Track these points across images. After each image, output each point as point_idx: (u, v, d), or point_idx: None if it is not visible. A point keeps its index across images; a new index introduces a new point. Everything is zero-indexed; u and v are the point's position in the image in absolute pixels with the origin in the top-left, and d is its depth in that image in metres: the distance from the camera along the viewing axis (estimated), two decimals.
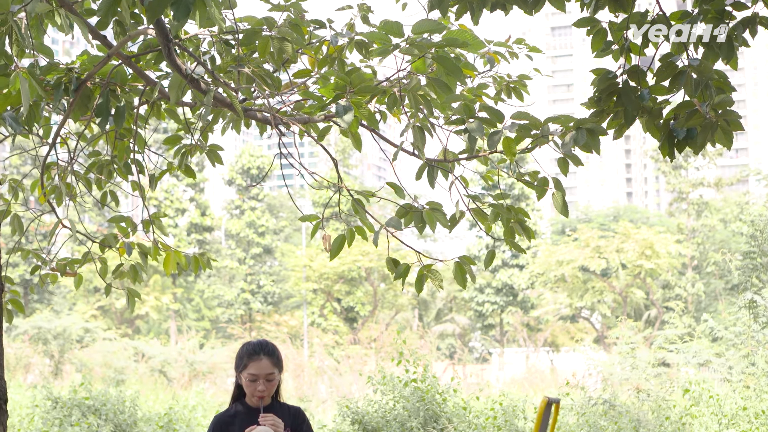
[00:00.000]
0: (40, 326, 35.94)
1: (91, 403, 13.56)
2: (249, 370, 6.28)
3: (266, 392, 6.30)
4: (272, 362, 6.33)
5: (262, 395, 6.29)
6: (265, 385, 6.29)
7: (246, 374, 6.29)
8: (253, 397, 6.33)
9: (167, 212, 51.93)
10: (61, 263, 8.04)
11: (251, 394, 6.32)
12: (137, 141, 7.64)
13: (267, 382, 6.30)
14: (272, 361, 6.33)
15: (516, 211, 6.74)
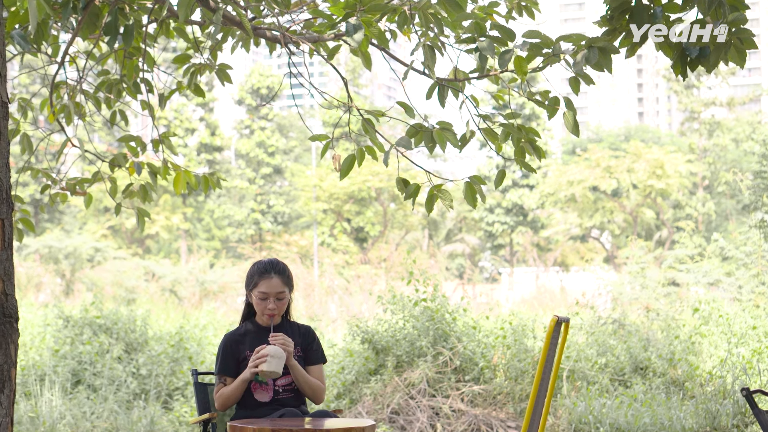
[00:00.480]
0: (51, 245, 36.09)
1: (102, 322, 13.65)
2: (259, 288, 6.31)
3: (277, 311, 6.32)
4: (283, 281, 6.35)
5: (272, 313, 6.32)
6: (276, 303, 6.32)
7: (256, 292, 6.31)
8: (263, 316, 6.35)
9: (177, 132, 51.82)
10: (70, 182, 8.04)
11: (261, 312, 6.34)
12: (146, 60, 7.60)
13: (277, 300, 6.32)
14: (283, 279, 6.35)
15: (527, 131, 6.71)
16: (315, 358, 6.47)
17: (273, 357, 5.99)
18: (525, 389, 11.43)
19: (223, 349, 6.39)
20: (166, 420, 11.89)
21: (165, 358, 13.15)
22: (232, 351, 6.36)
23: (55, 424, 11.57)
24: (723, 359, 11.89)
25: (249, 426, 5.61)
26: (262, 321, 6.47)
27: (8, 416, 6.38)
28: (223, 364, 6.35)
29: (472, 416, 11.26)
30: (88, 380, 12.87)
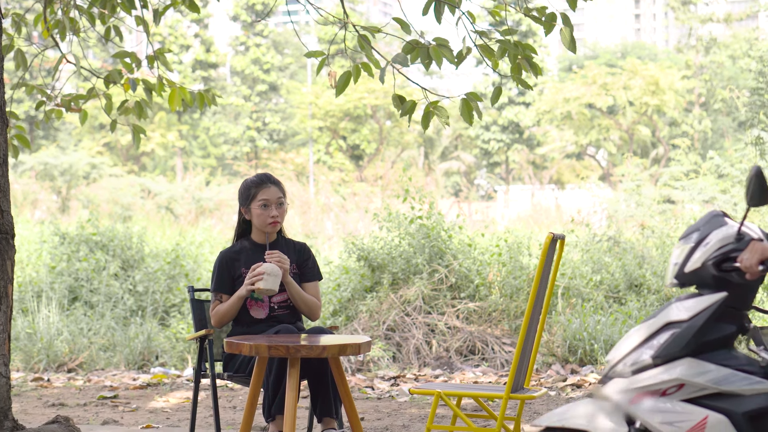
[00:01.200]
0: (47, 162, 36.04)
1: (99, 239, 13.67)
2: (260, 197, 6.32)
3: (279, 218, 6.34)
4: (280, 189, 6.38)
5: (276, 221, 6.33)
6: (278, 210, 6.34)
7: (256, 203, 6.32)
8: (266, 226, 6.36)
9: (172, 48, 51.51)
10: (65, 99, 8.00)
11: (264, 221, 6.35)
12: None
13: (278, 207, 6.34)
14: (280, 188, 6.38)
15: (523, 47, 6.67)
16: (310, 275, 6.49)
17: (269, 275, 6.01)
18: (520, 306, 11.49)
19: (219, 267, 6.41)
20: (163, 336, 11.96)
21: (161, 275, 13.20)
22: (228, 268, 6.38)
23: (53, 341, 11.64)
24: None
25: (245, 342, 5.65)
26: (258, 238, 6.48)
27: (5, 332, 6.41)
28: (219, 282, 6.38)
29: (467, 333, 11.33)
30: (84, 297, 12.92)
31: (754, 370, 3.82)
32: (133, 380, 10.72)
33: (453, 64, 6.45)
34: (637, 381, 3.85)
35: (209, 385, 6.57)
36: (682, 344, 3.80)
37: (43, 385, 10.42)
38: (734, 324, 3.85)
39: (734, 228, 3.86)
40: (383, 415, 8.47)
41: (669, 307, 3.89)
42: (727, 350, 3.84)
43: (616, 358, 3.94)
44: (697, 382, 3.77)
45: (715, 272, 3.81)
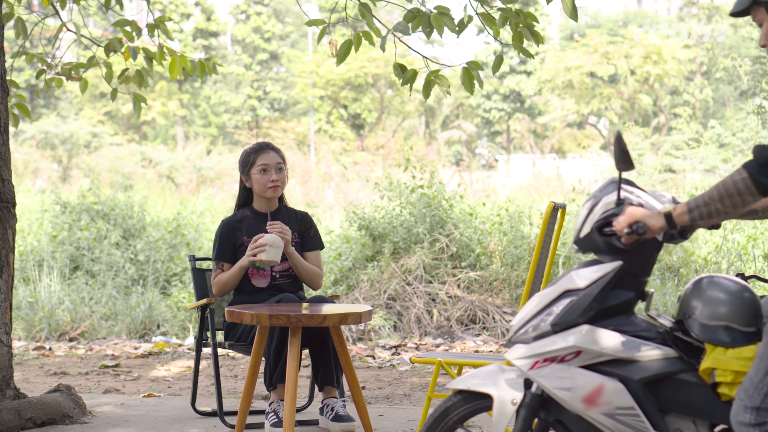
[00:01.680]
0: (47, 131, 35.96)
1: (100, 208, 13.66)
2: (259, 162, 6.33)
3: (279, 182, 6.34)
4: (279, 155, 6.38)
5: (275, 185, 6.33)
6: (277, 174, 6.34)
7: (256, 168, 6.33)
8: (266, 190, 6.36)
9: (172, 16, 51.35)
10: (66, 67, 7.98)
11: (264, 185, 6.35)
12: None
13: (278, 171, 6.34)
14: (279, 154, 6.39)
15: (525, 15, 6.65)
16: (312, 244, 6.50)
17: (271, 246, 6.01)
18: (521, 275, 11.50)
19: (220, 236, 6.41)
20: (164, 305, 11.98)
21: (163, 244, 13.20)
22: (229, 237, 6.39)
23: (54, 310, 11.66)
24: (718, 245, 11.95)
25: (246, 311, 5.66)
26: (260, 206, 6.48)
27: (7, 301, 6.41)
28: (221, 250, 6.38)
29: (468, 302, 11.35)
30: (86, 266, 12.94)
31: (651, 336, 3.86)
32: (135, 349, 10.75)
33: (454, 32, 6.43)
34: (536, 347, 3.90)
35: (210, 354, 6.58)
36: (579, 312, 3.84)
37: (45, 354, 10.44)
38: (633, 290, 3.89)
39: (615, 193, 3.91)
40: (384, 384, 8.50)
41: (568, 274, 3.94)
42: (626, 316, 3.88)
43: (519, 324, 4.00)
44: (594, 350, 3.82)
45: (598, 237, 3.86)
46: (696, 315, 3.85)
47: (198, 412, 6.96)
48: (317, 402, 7.13)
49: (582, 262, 3.97)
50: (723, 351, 3.77)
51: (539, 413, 3.98)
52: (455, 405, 4.05)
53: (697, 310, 3.85)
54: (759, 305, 3.86)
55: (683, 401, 3.82)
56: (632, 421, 3.80)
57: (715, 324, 3.81)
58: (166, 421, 6.80)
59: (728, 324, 3.80)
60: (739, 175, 3.54)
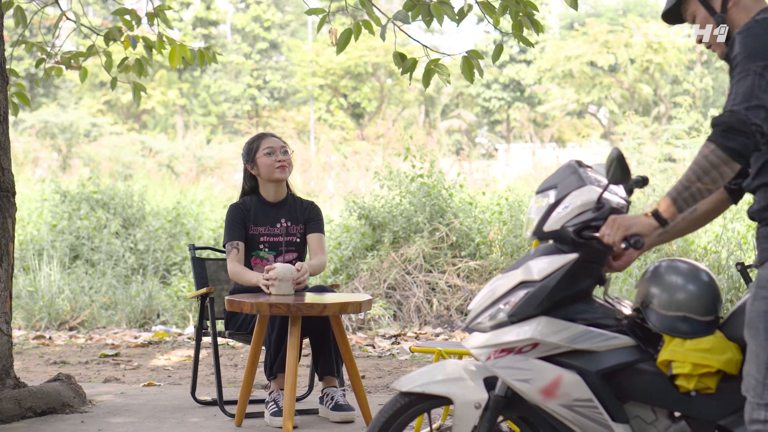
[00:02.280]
0: (47, 120, 35.93)
1: (100, 197, 13.66)
2: (263, 146, 6.33)
3: (286, 162, 6.35)
4: (282, 141, 6.39)
5: (283, 165, 6.34)
6: (284, 155, 6.34)
7: (261, 152, 6.33)
8: (274, 170, 6.36)
9: (171, 5, 51.24)
10: (65, 56, 7.97)
11: (272, 167, 6.35)
12: None
13: (284, 153, 6.35)
14: (282, 139, 6.40)
15: (525, 4, 6.63)
16: (314, 227, 6.51)
17: (281, 280, 5.94)
18: None
19: (231, 217, 6.40)
20: (164, 295, 11.98)
21: (162, 234, 13.20)
22: (241, 218, 6.38)
23: (54, 299, 11.66)
24: (718, 234, 11.94)
25: (246, 300, 5.66)
26: (267, 194, 6.46)
27: (7, 290, 6.41)
28: (233, 231, 6.37)
29: (468, 291, 11.35)
30: (86, 255, 12.93)
31: (609, 323, 3.85)
32: (135, 338, 10.75)
33: (454, 21, 6.42)
34: (494, 338, 3.87)
35: (210, 343, 6.59)
36: (536, 304, 3.81)
37: (45, 343, 10.45)
38: (590, 277, 3.87)
39: (594, 193, 3.83)
40: (384, 374, 8.50)
41: (525, 264, 3.89)
42: (584, 303, 3.87)
43: (476, 311, 3.96)
44: (551, 342, 3.80)
45: (575, 237, 3.81)
46: (653, 305, 3.83)
47: (198, 401, 6.97)
48: (317, 391, 7.13)
49: (539, 249, 3.92)
50: (681, 342, 3.75)
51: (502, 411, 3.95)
52: (404, 407, 3.96)
53: (654, 298, 3.83)
54: (718, 291, 3.85)
55: (641, 390, 3.82)
56: (590, 413, 3.79)
57: (672, 314, 3.79)
58: (166, 410, 6.81)
59: (686, 314, 3.78)
60: (707, 149, 3.54)
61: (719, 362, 3.71)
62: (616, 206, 3.81)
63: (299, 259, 6.46)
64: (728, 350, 3.74)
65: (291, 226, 6.42)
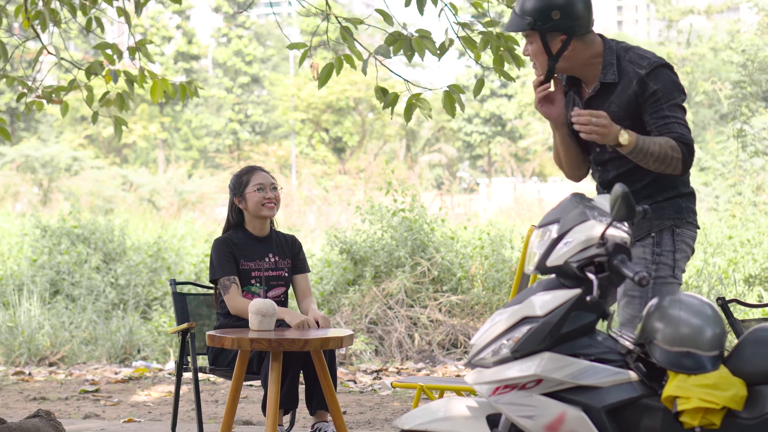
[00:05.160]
0: (28, 154, 35.86)
1: (80, 232, 13.61)
2: (254, 182, 6.33)
3: (275, 200, 6.34)
4: (271, 176, 6.39)
5: (272, 202, 6.33)
6: (273, 193, 6.34)
7: (251, 187, 6.32)
8: (262, 208, 6.34)
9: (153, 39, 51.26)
10: (47, 90, 7.95)
11: (259, 203, 6.33)
12: None
13: (273, 190, 6.34)
14: (271, 175, 6.40)
15: (506, 39, 6.65)
16: (302, 267, 6.50)
17: (264, 316, 5.90)
18: (502, 299, 11.50)
19: (220, 251, 6.35)
20: (145, 330, 11.92)
21: (143, 268, 13.16)
22: (230, 253, 6.35)
23: (34, 334, 11.59)
24: (699, 269, 11.96)
25: (227, 336, 5.62)
26: (253, 228, 6.43)
27: None
28: (227, 265, 6.32)
29: (450, 326, 11.33)
30: (66, 290, 12.87)
31: (613, 358, 3.82)
32: (115, 374, 10.69)
33: (435, 55, 6.43)
34: (497, 373, 3.83)
35: (191, 379, 6.54)
36: (539, 340, 3.78)
37: (25, 379, 10.38)
38: (594, 312, 3.84)
39: (597, 228, 3.81)
40: (366, 409, 8.46)
41: (528, 299, 3.87)
42: (588, 337, 3.84)
43: (479, 346, 3.92)
44: (555, 378, 3.77)
45: (578, 273, 3.80)
46: (657, 340, 3.79)
47: None
48: (299, 427, 7.09)
49: (541, 284, 3.91)
50: (685, 378, 3.72)
51: None
52: None
53: (658, 333, 3.78)
54: (723, 325, 3.83)
55: (646, 426, 3.77)
56: None
57: (676, 350, 3.77)
58: None
59: (690, 350, 3.76)
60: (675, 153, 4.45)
61: (724, 399, 3.68)
62: (620, 241, 3.79)
63: (286, 293, 6.44)
64: (733, 386, 3.72)
65: (279, 261, 6.40)
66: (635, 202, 4.10)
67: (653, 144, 4.41)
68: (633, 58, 4.57)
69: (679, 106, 4.54)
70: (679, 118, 4.52)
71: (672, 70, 4.59)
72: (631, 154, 4.43)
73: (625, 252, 3.77)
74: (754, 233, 13.09)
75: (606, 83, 4.60)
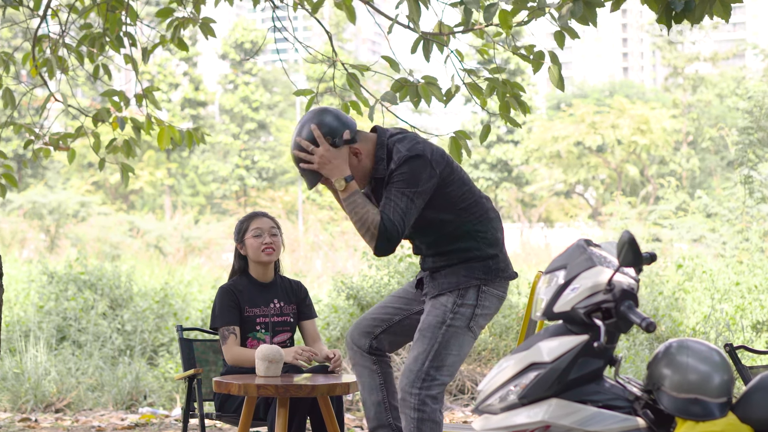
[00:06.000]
0: (35, 201, 35.94)
1: (87, 278, 13.62)
2: (252, 227, 6.32)
3: (273, 245, 6.32)
4: (273, 221, 6.38)
5: (270, 247, 6.31)
6: (272, 238, 6.32)
7: (249, 233, 6.32)
8: (261, 253, 6.34)
9: (160, 86, 51.45)
10: (54, 137, 7.99)
11: (258, 249, 6.32)
12: (129, 13, 7.54)
13: (272, 236, 6.33)
14: (273, 220, 6.38)
15: (512, 86, 6.68)
16: (309, 312, 6.49)
17: (271, 362, 5.89)
18: (509, 345, 11.46)
19: (224, 299, 6.35)
20: (152, 376, 11.89)
21: (150, 314, 13.14)
22: (234, 301, 6.34)
23: (40, 380, 11.57)
24: (706, 315, 11.93)
25: (234, 382, 5.61)
26: (257, 274, 6.43)
27: None
28: (228, 314, 6.31)
29: (458, 373, 11.29)
30: (72, 336, 12.86)
31: (620, 405, 3.81)
32: (121, 420, 10.66)
33: (442, 102, 6.45)
34: (504, 420, 3.83)
35: (198, 425, 6.52)
36: (546, 386, 3.77)
37: (31, 426, 10.35)
38: (602, 358, 3.83)
39: (604, 274, 3.82)
40: None
41: (536, 345, 3.86)
42: (595, 384, 3.83)
43: (487, 392, 3.92)
44: (563, 424, 3.76)
45: (585, 320, 3.80)
46: (665, 386, 3.78)
47: None
48: None
49: (549, 330, 3.90)
50: (693, 425, 3.71)
51: None
52: None
53: (666, 380, 3.78)
54: (731, 372, 3.82)
55: None
56: None
57: (684, 397, 3.76)
58: None
59: (698, 396, 3.75)
60: (372, 230, 4.85)
61: None
62: (626, 287, 3.79)
63: (292, 339, 6.42)
64: None
65: (284, 306, 6.39)
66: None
67: (362, 203, 4.87)
68: (399, 149, 4.97)
69: (406, 195, 4.90)
70: (398, 204, 4.89)
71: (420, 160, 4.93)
72: (345, 200, 4.90)
73: (632, 298, 3.77)
74: (761, 279, 13.05)
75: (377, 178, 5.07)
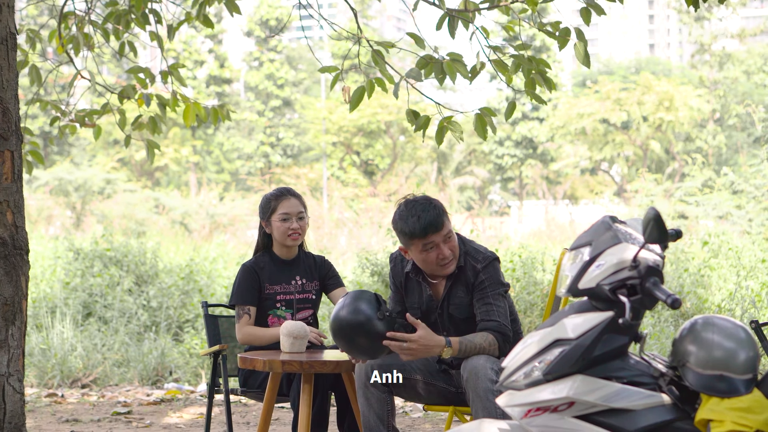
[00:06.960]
0: (61, 177, 36.07)
1: (113, 255, 13.67)
2: (280, 210, 6.31)
3: (300, 231, 6.33)
4: (300, 202, 6.37)
5: (296, 234, 6.32)
6: (298, 223, 6.32)
7: (276, 216, 6.31)
8: (286, 239, 6.34)
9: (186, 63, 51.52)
10: (80, 114, 8.01)
11: (284, 234, 6.33)
12: None
13: (299, 220, 6.33)
14: (300, 201, 6.38)
15: (537, 62, 6.65)
16: (336, 283, 6.50)
17: (296, 338, 5.91)
18: (534, 322, 11.46)
19: (244, 279, 6.37)
20: (177, 352, 11.95)
21: (175, 291, 13.19)
22: (253, 280, 6.35)
23: (67, 356, 11.64)
24: (732, 292, 11.90)
25: (259, 358, 5.63)
26: (280, 252, 6.45)
27: (20, 348, 6.40)
28: (246, 294, 6.33)
29: None
30: (98, 312, 12.92)
31: (645, 381, 3.80)
32: (147, 396, 10.72)
33: (467, 79, 6.44)
34: (529, 396, 3.82)
35: (223, 401, 6.55)
36: (571, 362, 3.76)
37: (57, 401, 10.42)
38: (627, 335, 3.81)
39: (629, 251, 3.81)
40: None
41: (561, 322, 3.85)
42: (620, 360, 3.82)
43: (511, 368, 3.92)
44: (587, 400, 3.74)
45: (610, 296, 3.79)
46: (690, 363, 3.76)
47: None
48: None
49: (573, 306, 3.90)
50: (718, 401, 3.70)
51: None
52: None
53: (691, 356, 3.76)
54: (756, 349, 3.81)
55: None
56: None
57: (710, 373, 3.75)
58: None
59: (723, 373, 3.74)
60: (492, 347, 5.23)
61: (758, 422, 3.66)
62: (652, 264, 3.78)
63: (314, 316, 6.44)
64: (766, 409, 3.70)
65: (306, 283, 6.40)
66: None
67: (473, 345, 5.20)
68: (470, 251, 5.50)
69: (501, 295, 5.39)
70: (500, 307, 5.35)
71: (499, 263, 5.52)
72: (460, 355, 5.21)
73: (657, 275, 3.76)
74: None
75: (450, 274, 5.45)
